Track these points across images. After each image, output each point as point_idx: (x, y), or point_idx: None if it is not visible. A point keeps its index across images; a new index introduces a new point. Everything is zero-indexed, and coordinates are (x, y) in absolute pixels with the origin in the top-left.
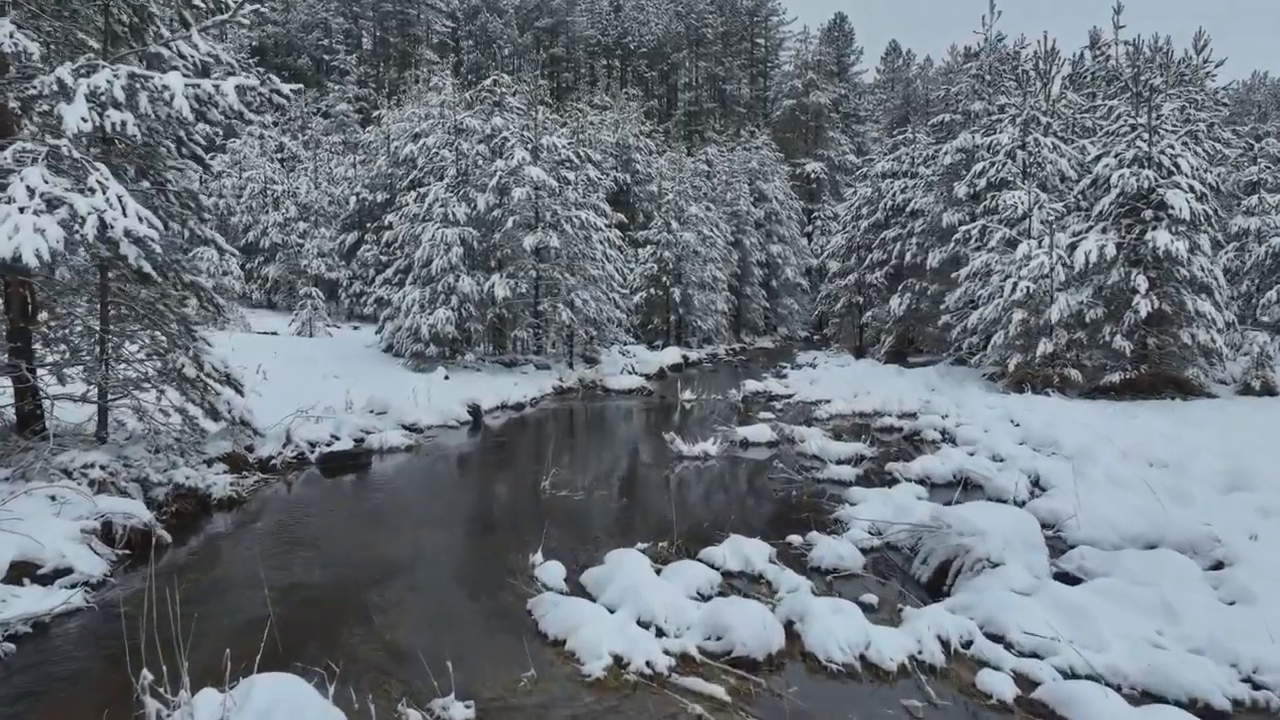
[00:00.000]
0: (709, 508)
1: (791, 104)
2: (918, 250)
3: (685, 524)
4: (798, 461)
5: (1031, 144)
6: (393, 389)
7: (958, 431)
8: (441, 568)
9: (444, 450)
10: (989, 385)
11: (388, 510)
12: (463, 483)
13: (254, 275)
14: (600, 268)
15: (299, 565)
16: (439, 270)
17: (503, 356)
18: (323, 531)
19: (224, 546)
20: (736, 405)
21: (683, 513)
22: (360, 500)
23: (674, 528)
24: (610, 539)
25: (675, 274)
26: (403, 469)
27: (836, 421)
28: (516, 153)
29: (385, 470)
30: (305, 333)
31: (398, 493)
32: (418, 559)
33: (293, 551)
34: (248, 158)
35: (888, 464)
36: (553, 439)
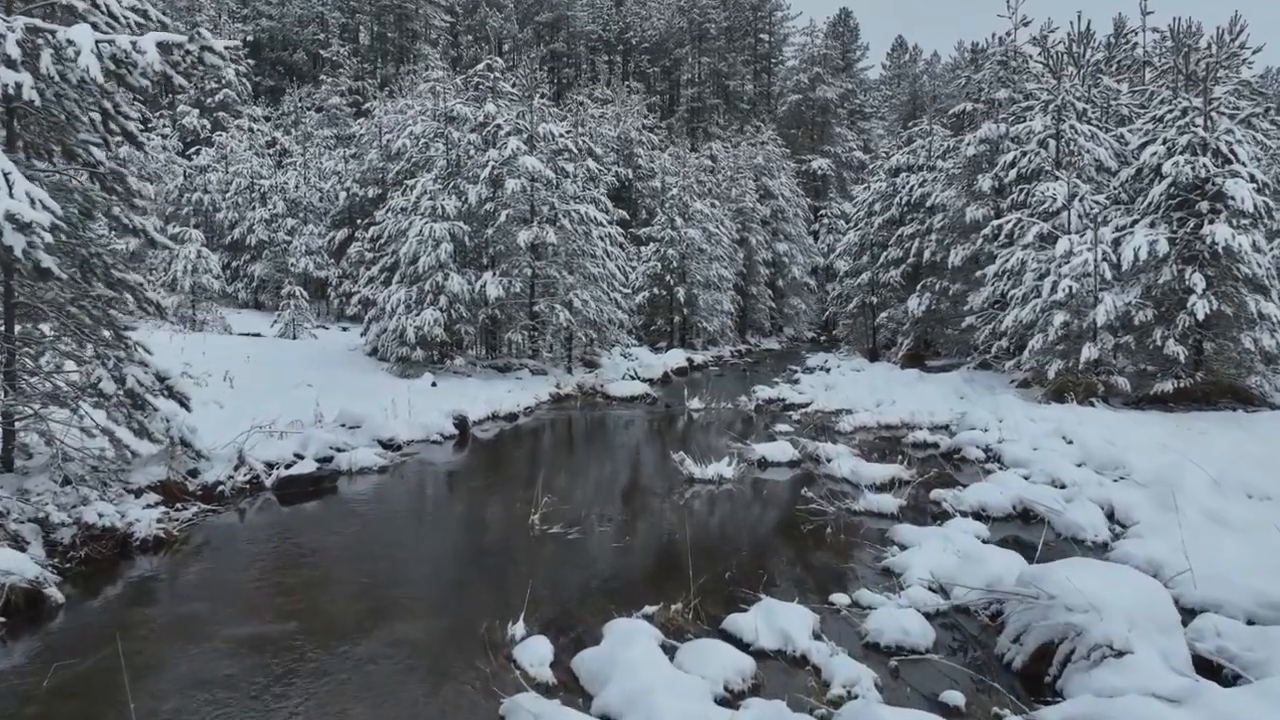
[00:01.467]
0: (729, 551)
1: (797, 99)
2: (937, 247)
3: (702, 573)
4: (825, 484)
5: (1067, 131)
6: (373, 398)
7: (1002, 449)
8: (397, 637)
9: (422, 471)
10: (1023, 393)
11: (345, 552)
12: (438, 515)
13: (240, 274)
14: (601, 266)
15: (213, 637)
16: (426, 268)
17: (496, 361)
18: (258, 582)
19: (129, 606)
20: (748, 414)
21: (699, 556)
22: (315, 537)
23: (689, 581)
24: (610, 597)
25: (679, 273)
26: (372, 495)
27: (861, 435)
28: (510, 142)
29: (352, 496)
30: (289, 334)
31: (361, 527)
32: (368, 623)
33: (213, 614)
34: (235, 151)
35: (932, 490)
36: (546, 457)
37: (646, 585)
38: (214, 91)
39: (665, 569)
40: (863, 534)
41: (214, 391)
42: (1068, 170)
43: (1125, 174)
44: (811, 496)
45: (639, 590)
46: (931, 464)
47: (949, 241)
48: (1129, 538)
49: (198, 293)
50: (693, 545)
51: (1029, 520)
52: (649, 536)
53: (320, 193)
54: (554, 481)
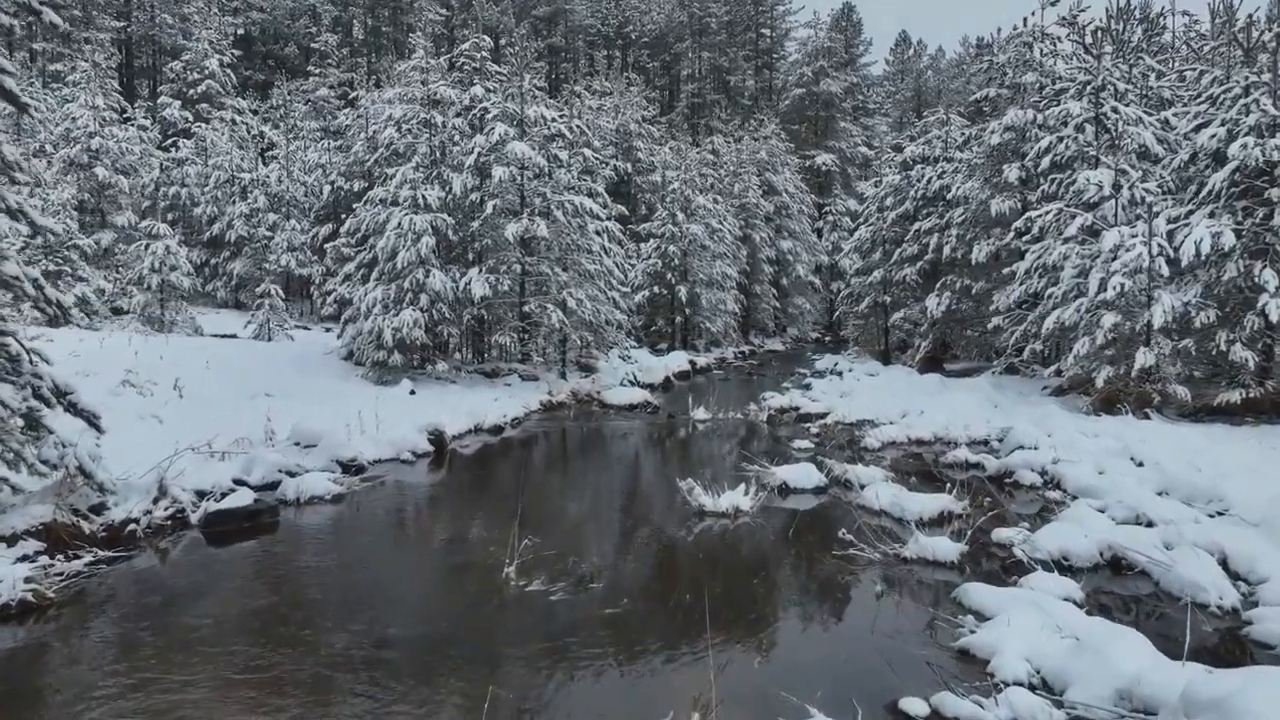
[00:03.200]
0: (756, 622)
1: (801, 93)
2: (958, 243)
3: (726, 660)
4: (860, 517)
5: (1109, 113)
6: (340, 409)
7: (1061, 473)
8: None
9: (383, 501)
10: (1062, 402)
11: (262, 620)
12: (390, 565)
13: (219, 271)
14: (597, 262)
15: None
16: (405, 264)
17: (483, 366)
18: (133, 668)
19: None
20: (759, 426)
21: (718, 630)
22: (232, 596)
23: (709, 678)
24: (600, 697)
25: (681, 271)
26: (317, 535)
27: (890, 451)
28: (498, 127)
29: (292, 536)
30: (263, 336)
31: (293, 579)
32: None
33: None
34: (215, 144)
35: (994, 529)
36: (532, 481)
37: (649, 683)
38: (196, 83)
39: (674, 653)
40: (921, 593)
41: (157, 402)
42: (1114, 155)
43: (1177, 160)
44: (850, 539)
45: (639, 692)
46: (978, 489)
47: (971, 236)
48: (1270, 604)
49: (166, 291)
50: (710, 613)
51: (1121, 571)
52: (652, 598)
53: (304, 187)
54: (538, 515)
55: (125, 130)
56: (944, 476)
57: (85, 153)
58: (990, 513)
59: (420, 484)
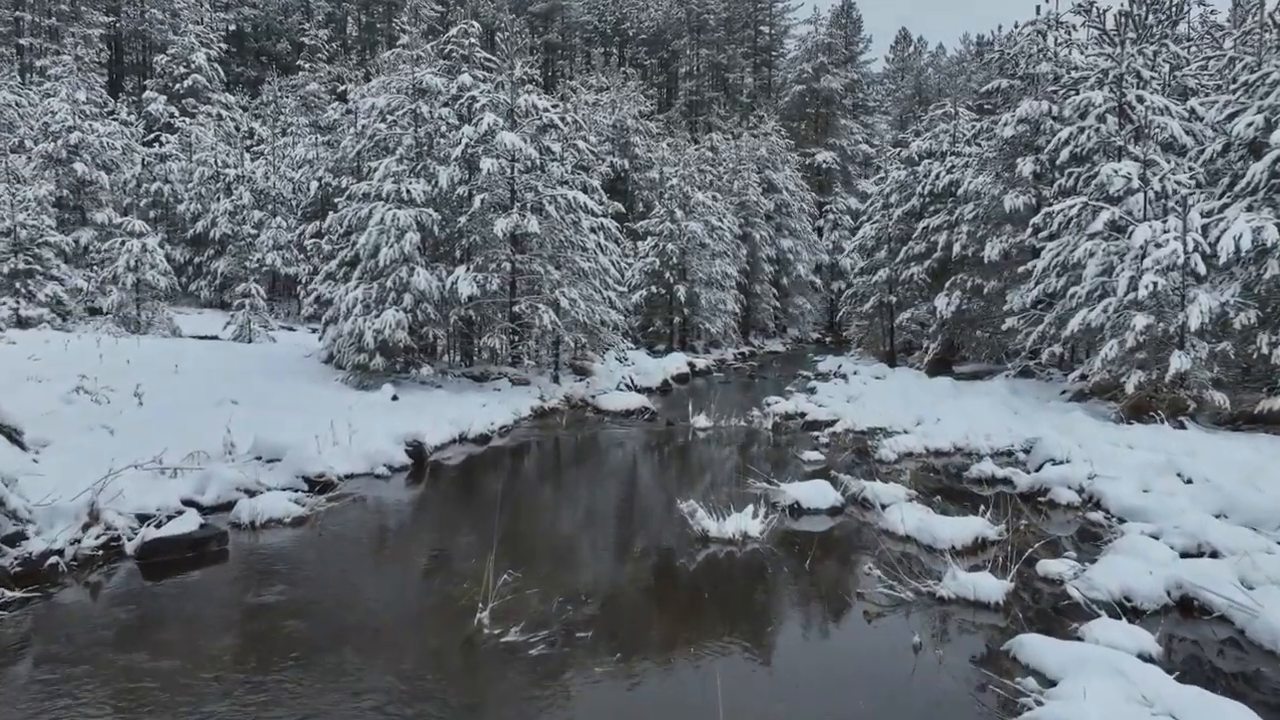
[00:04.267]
0: (774, 688)
1: (801, 89)
2: (968, 240)
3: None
4: (882, 543)
5: (1133, 102)
6: (313, 417)
7: (1102, 491)
8: None
9: (350, 524)
10: (1085, 408)
11: (182, 686)
12: (346, 605)
13: (203, 270)
14: (592, 260)
15: None
16: (388, 262)
17: (472, 369)
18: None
19: None
20: (764, 434)
21: (731, 697)
22: (156, 644)
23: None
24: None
25: (680, 270)
26: (268, 566)
27: (907, 463)
28: (487, 116)
29: (241, 567)
30: (244, 337)
31: (225, 626)
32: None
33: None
34: (200, 139)
35: (1038, 561)
36: (517, 499)
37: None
38: (182, 77)
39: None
40: (966, 644)
41: (111, 411)
42: (1143, 145)
43: (1210, 150)
44: (877, 574)
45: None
46: (1010, 507)
47: (982, 234)
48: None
49: (143, 290)
50: (720, 672)
51: (1193, 614)
52: (650, 650)
53: (292, 183)
54: (521, 542)
55: (107, 125)
56: (969, 493)
57: (64, 148)
58: (1030, 538)
59: (394, 503)
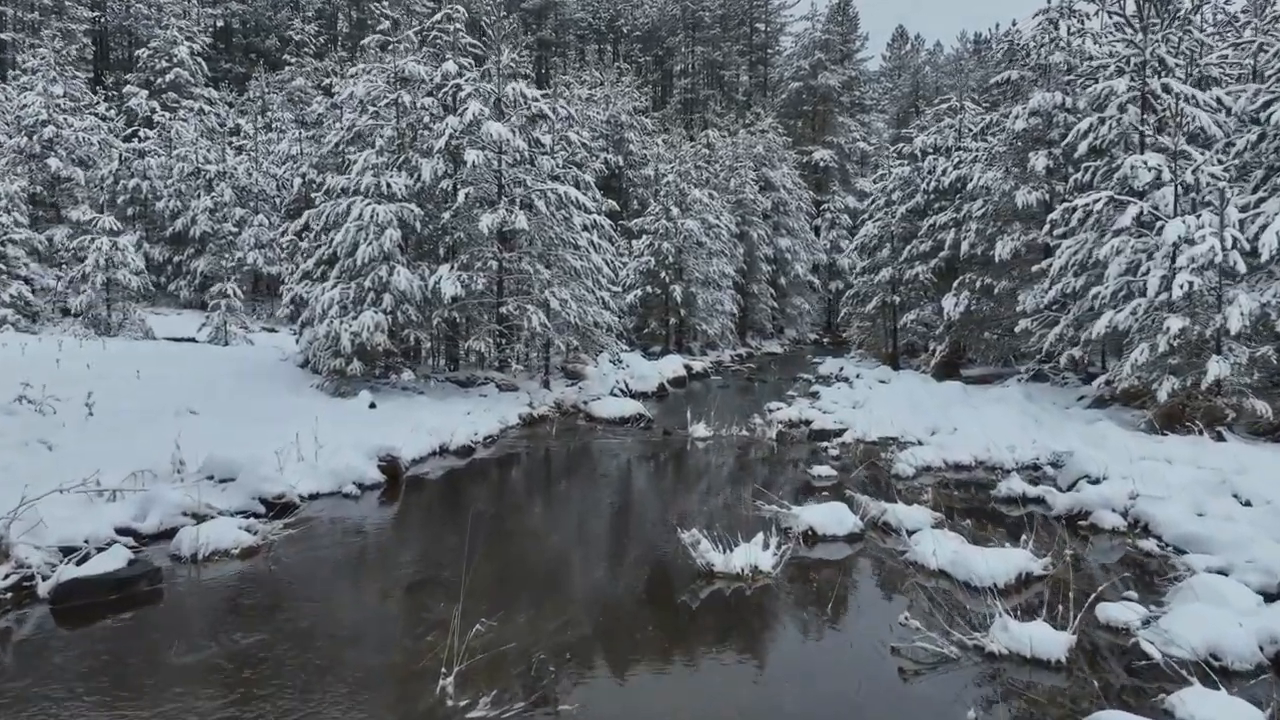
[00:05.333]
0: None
1: (798, 86)
2: (977, 238)
3: None
4: (912, 578)
5: (1158, 91)
6: (279, 429)
7: (1149, 514)
8: None
9: (306, 555)
10: (1108, 415)
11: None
12: (285, 666)
13: (183, 269)
14: (584, 258)
15: None
16: (366, 260)
17: (457, 374)
18: None
19: None
20: (768, 444)
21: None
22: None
23: None
24: None
25: (676, 269)
26: (204, 611)
27: (925, 479)
28: (472, 105)
29: (174, 612)
30: (219, 339)
31: (147, 694)
32: None
33: None
34: (180, 134)
35: (1098, 603)
36: (497, 523)
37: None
38: (164, 71)
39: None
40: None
41: (54, 423)
42: (1173, 135)
43: (1243, 141)
44: (915, 624)
45: None
46: (1047, 532)
47: (992, 231)
48: None
49: (113, 290)
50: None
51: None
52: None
53: (275, 180)
54: (499, 579)
55: (83, 120)
56: (999, 516)
57: (38, 143)
58: (1079, 573)
59: (360, 528)
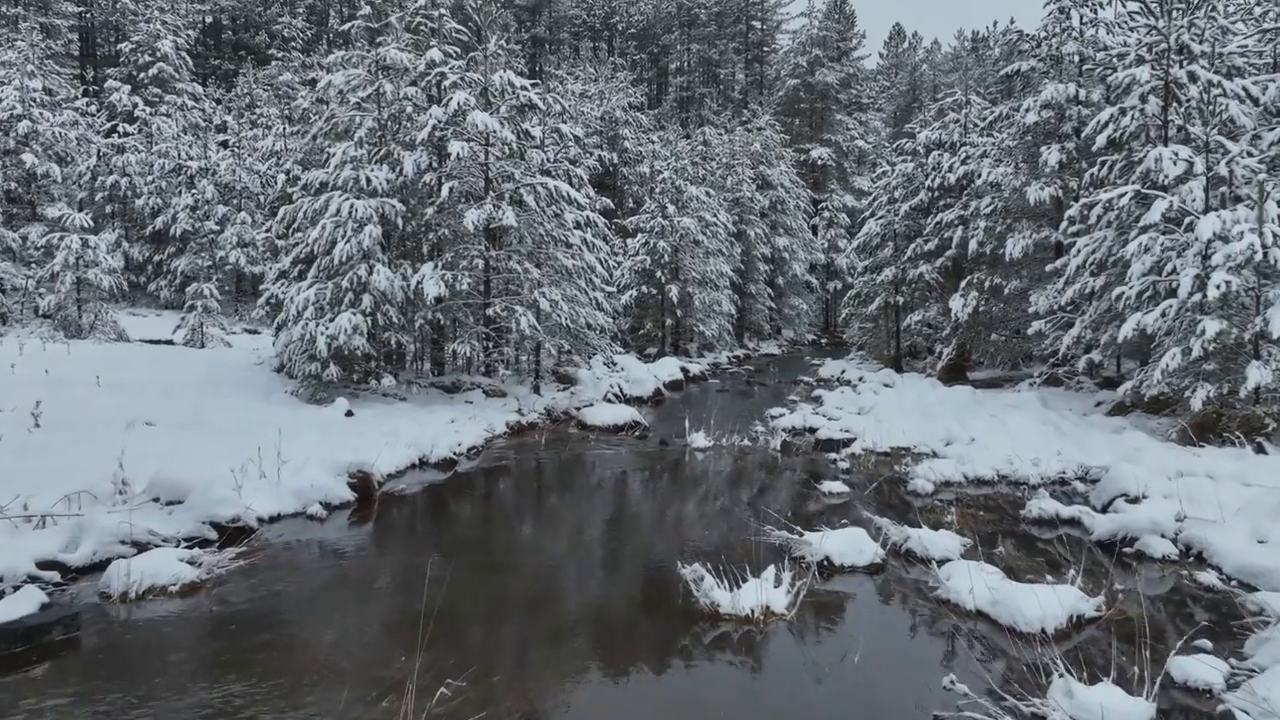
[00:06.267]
0: None
1: (795, 83)
2: (985, 236)
3: None
4: (946, 619)
5: (1183, 79)
6: (246, 441)
7: (1203, 540)
8: None
9: (255, 591)
10: (1132, 423)
11: None
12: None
13: (163, 269)
14: (577, 257)
15: None
16: (344, 258)
17: (442, 379)
18: None
19: None
20: (772, 456)
21: None
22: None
23: None
24: None
25: (672, 268)
26: (124, 667)
27: (946, 494)
28: (457, 94)
29: (86, 671)
30: (195, 342)
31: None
32: None
33: None
34: (161, 130)
35: (1172, 658)
36: (474, 550)
37: None
38: (147, 65)
39: None
40: None
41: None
42: (1206, 121)
43: (1272, 135)
44: (961, 688)
45: None
46: (1089, 559)
47: (1001, 229)
48: None
49: (84, 290)
50: None
51: None
52: None
53: (260, 176)
54: (470, 624)
55: (60, 114)
56: (1031, 540)
57: (13, 138)
58: (1137, 614)
59: (320, 556)
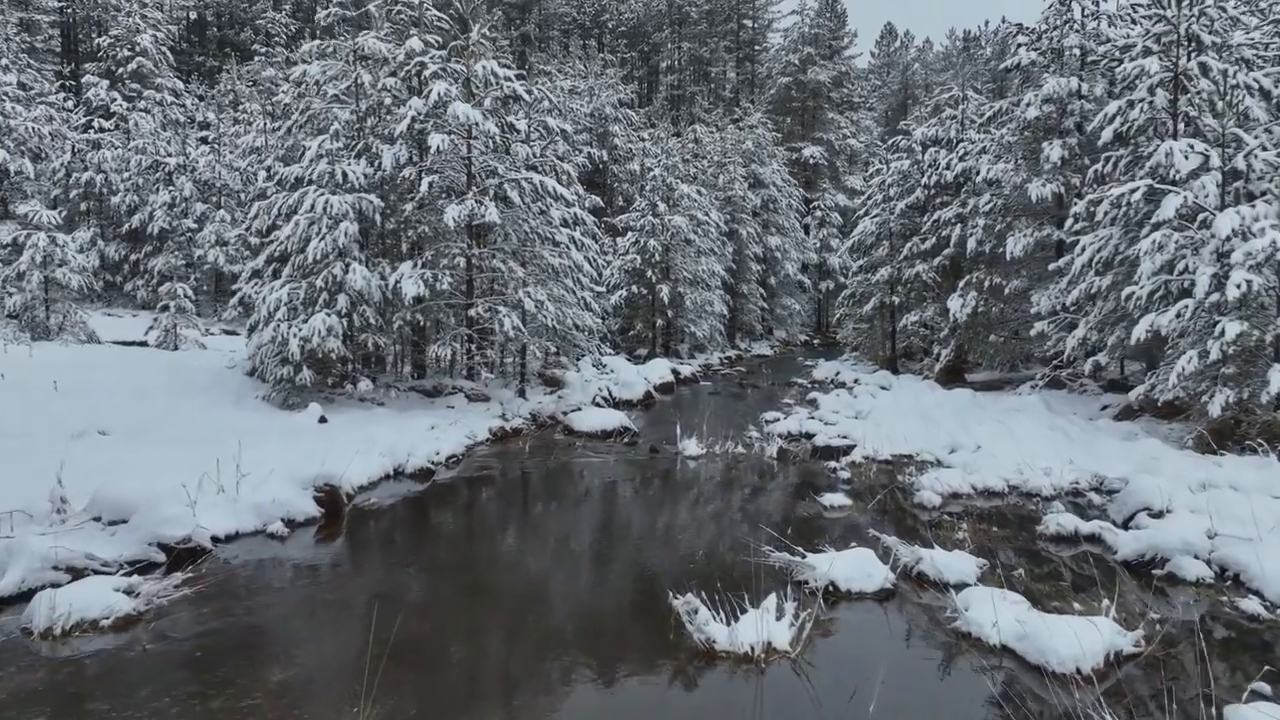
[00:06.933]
0: None
1: (787, 81)
2: (985, 234)
3: None
4: (967, 656)
5: (1195, 70)
6: (208, 451)
7: (1239, 562)
8: None
9: (197, 625)
10: (1142, 429)
11: None
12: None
13: (140, 268)
14: (564, 256)
15: None
16: (319, 256)
17: (423, 383)
18: None
19: None
20: (768, 464)
21: None
22: None
23: None
24: None
25: (663, 267)
26: (34, 713)
27: (953, 507)
28: (437, 85)
29: None
30: (168, 344)
31: None
32: None
33: None
34: (139, 125)
35: (1231, 711)
36: (439, 583)
37: None
38: (126, 60)
39: None
40: None
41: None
42: (1224, 113)
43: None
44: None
45: None
46: (1114, 583)
47: (1001, 227)
48: None
49: (52, 290)
50: None
51: None
52: None
53: (240, 173)
54: (435, 657)
55: (33, 109)
56: (1048, 560)
57: None
58: (1179, 650)
59: (277, 581)
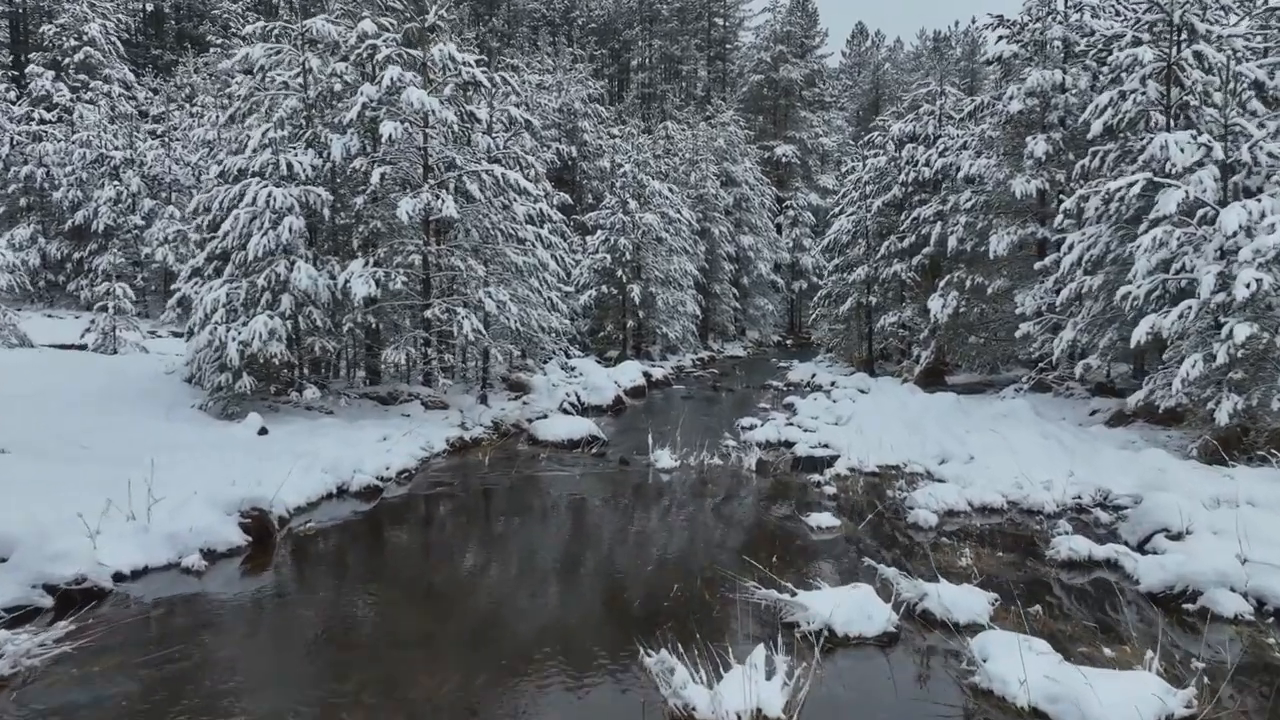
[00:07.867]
0: None
1: (759, 79)
2: (966, 232)
3: None
4: (984, 714)
5: (1189, 60)
6: (127, 470)
7: (1277, 591)
8: None
9: (74, 690)
10: (1138, 435)
11: None
12: None
13: (84, 267)
14: (529, 253)
15: None
16: (261, 254)
17: (377, 390)
18: None
19: None
20: (747, 477)
21: None
22: None
23: None
24: None
25: (634, 267)
26: None
27: (951, 526)
28: (390, 69)
29: None
30: (106, 347)
31: None
32: None
33: None
34: (83, 117)
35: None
36: (383, 622)
37: None
38: (73, 50)
39: None
40: None
41: None
42: (1225, 103)
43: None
44: None
45: None
46: (1140, 619)
47: (983, 225)
48: None
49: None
50: None
51: None
52: None
53: (192, 168)
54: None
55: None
56: (1063, 590)
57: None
58: (1232, 707)
59: (184, 628)
